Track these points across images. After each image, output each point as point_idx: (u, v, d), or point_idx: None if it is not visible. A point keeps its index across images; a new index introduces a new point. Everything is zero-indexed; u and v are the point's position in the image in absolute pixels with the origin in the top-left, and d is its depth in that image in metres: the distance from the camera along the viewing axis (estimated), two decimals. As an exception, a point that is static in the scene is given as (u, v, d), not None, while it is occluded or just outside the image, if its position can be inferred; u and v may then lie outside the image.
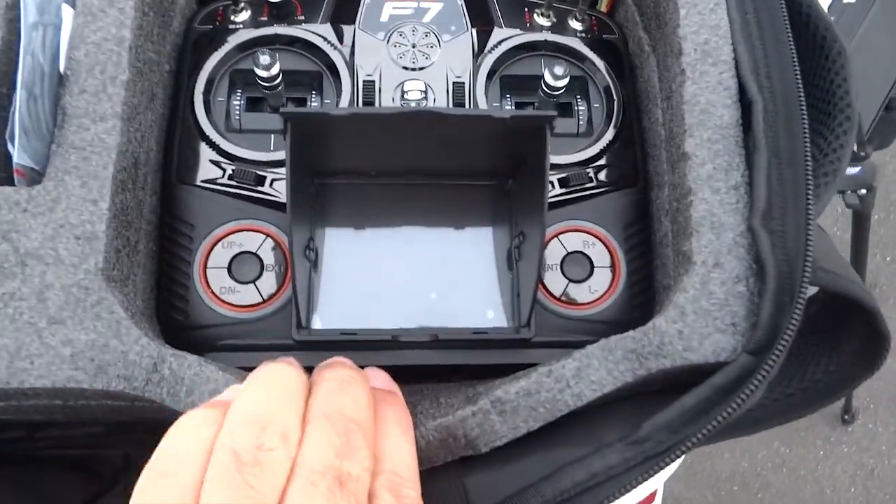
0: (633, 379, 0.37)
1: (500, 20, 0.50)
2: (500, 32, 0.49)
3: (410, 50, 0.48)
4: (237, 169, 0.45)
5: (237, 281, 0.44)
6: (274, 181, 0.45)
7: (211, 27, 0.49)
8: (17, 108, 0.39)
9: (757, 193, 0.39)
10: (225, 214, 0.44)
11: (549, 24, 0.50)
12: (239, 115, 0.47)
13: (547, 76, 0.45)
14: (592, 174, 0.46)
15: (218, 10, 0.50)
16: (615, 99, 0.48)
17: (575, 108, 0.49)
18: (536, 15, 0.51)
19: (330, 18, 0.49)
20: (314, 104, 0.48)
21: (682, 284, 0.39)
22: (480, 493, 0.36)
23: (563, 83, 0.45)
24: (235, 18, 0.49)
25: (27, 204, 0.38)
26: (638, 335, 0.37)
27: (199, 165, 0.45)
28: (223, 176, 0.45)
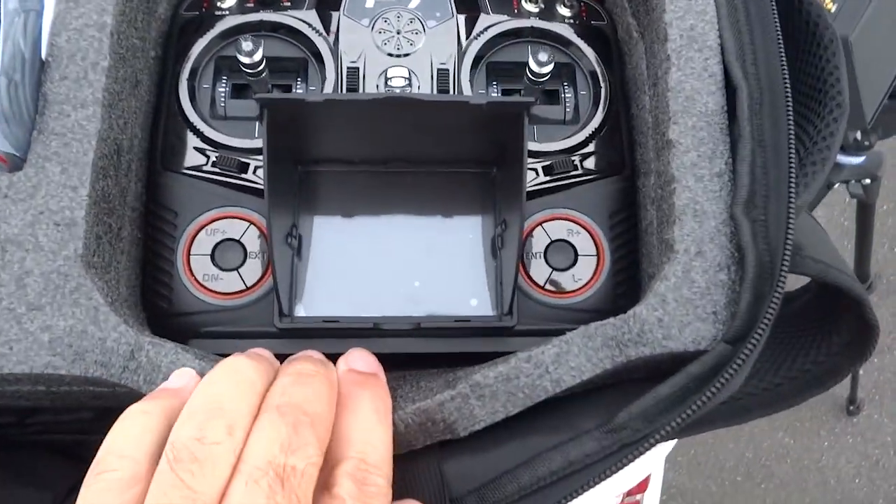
0: (612, 366, 0.36)
1: (486, 6, 0.49)
2: (486, 19, 0.49)
3: (395, 36, 0.47)
4: (221, 156, 0.45)
5: (220, 268, 0.44)
6: (257, 168, 0.45)
7: (197, 13, 0.49)
8: (-3, 94, 0.39)
9: (740, 182, 0.38)
10: (209, 201, 0.44)
11: (536, 10, 0.50)
12: (224, 102, 0.47)
13: (531, 63, 0.45)
14: (578, 162, 0.46)
15: (204, -4, 0.49)
16: (602, 86, 0.48)
17: (561, 94, 0.48)
18: (524, 1, 0.50)
19: (316, 5, 0.49)
20: (299, 91, 0.47)
21: (663, 272, 0.38)
22: (458, 478, 0.36)
23: (547, 70, 0.45)
24: (222, 5, 0.49)
25: (7, 190, 0.38)
26: (618, 322, 0.37)
27: (183, 152, 0.46)
28: (207, 163, 0.45)
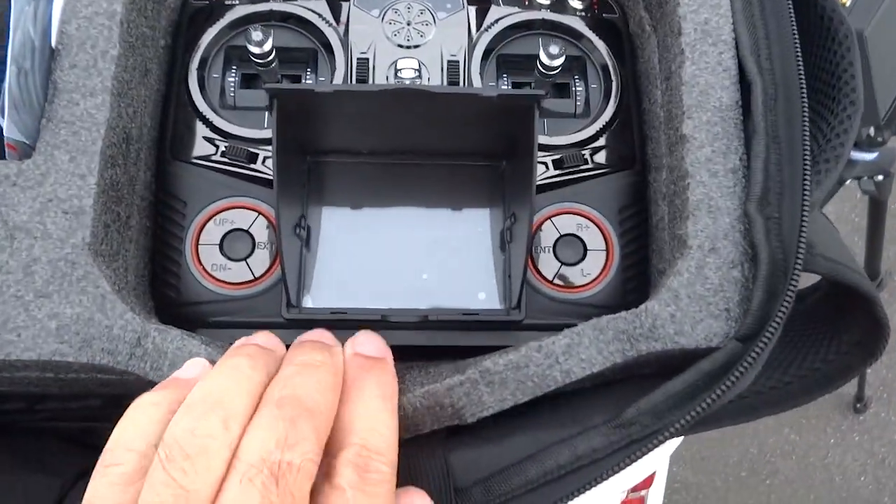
0: (622, 360, 0.36)
1: (498, -2, 0.49)
2: (497, 10, 0.48)
3: (405, 27, 0.47)
4: (230, 146, 0.45)
5: (229, 258, 0.44)
6: (266, 159, 0.45)
7: (207, 2, 0.49)
8: (7, 83, 0.39)
9: (754, 178, 0.38)
10: (218, 191, 0.44)
11: (548, 2, 0.49)
12: (233, 91, 0.47)
13: (542, 55, 0.44)
14: (588, 156, 0.46)
15: (215, -15, 0.49)
16: (613, 79, 0.48)
17: (572, 88, 0.48)
18: (536, -8, 0.50)
19: None
20: (309, 81, 0.47)
21: (676, 268, 0.38)
22: (464, 469, 0.36)
23: (558, 62, 0.44)
24: (232, -6, 0.49)
25: (16, 178, 0.38)
26: (630, 317, 0.37)
27: (192, 142, 0.45)
28: (216, 153, 0.45)
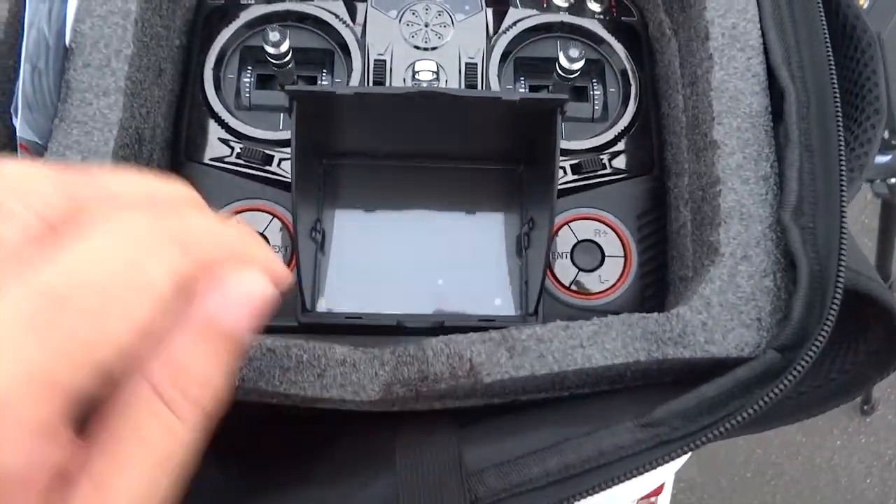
0: (646, 359, 0.36)
1: (516, 0, 0.49)
2: (515, 13, 0.48)
3: (423, 29, 0.47)
4: (245, 147, 0.44)
5: None
6: (282, 161, 0.44)
7: (223, 2, 0.48)
8: (21, 82, 0.38)
9: (788, 187, 0.37)
10: (232, 193, 0.44)
11: (566, 4, 0.49)
12: (249, 92, 0.46)
13: (562, 59, 0.44)
14: (606, 161, 0.45)
15: (230, -16, 0.49)
16: (632, 83, 0.47)
17: (590, 92, 0.48)
18: (554, -6, 0.49)
19: None
20: (325, 83, 0.47)
21: (708, 275, 0.37)
22: (478, 456, 0.35)
23: (578, 66, 0.44)
24: (247, -7, 0.48)
25: None
26: (661, 319, 0.37)
27: (207, 143, 0.45)
28: (231, 154, 0.45)
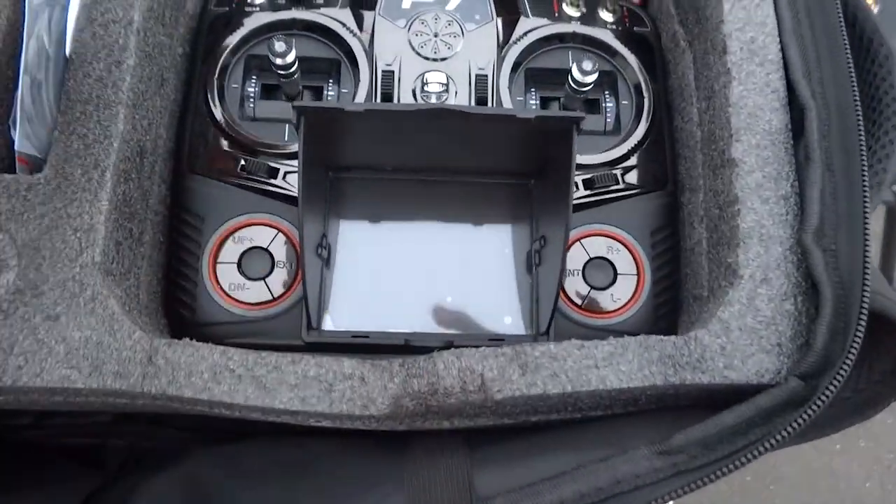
0: (662, 383, 0.35)
1: (527, 9, 0.47)
2: (526, 22, 0.47)
3: (432, 39, 0.45)
4: (249, 160, 0.43)
5: (247, 277, 0.42)
6: (287, 174, 0.43)
7: (227, 9, 0.47)
8: (20, 94, 0.37)
9: (810, 208, 0.36)
10: (236, 207, 0.43)
11: (578, 14, 0.48)
12: (253, 102, 0.45)
13: (575, 71, 0.43)
14: (619, 175, 0.44)
15: (235, -10, 0.48)
16: (645, 96, 0.46)
17: (602, 104, 0.46)
18: (566, 4, 0.48)
19: (350, 2, 0.47)
20: (331, 93, 0.46)
21: (727, 298, 0.37)
22: (489, 482, 0.34)
23: (591, 79, 0.43)
24: (253, 0, 0.47)
25: (27, 192, 0.37)
26: (679, 342, 0.36)
27: (210, 155, 0.44)
28: (236, 167, 0.43)
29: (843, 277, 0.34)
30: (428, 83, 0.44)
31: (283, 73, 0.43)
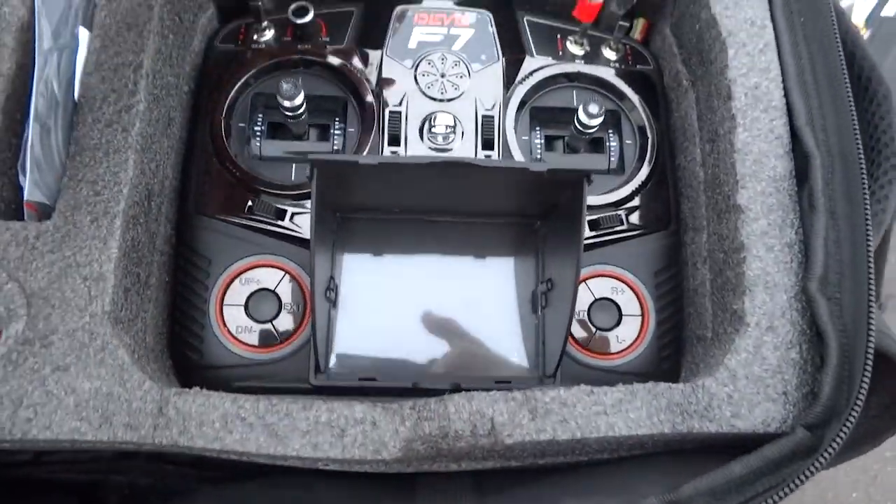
0: (671, 431, 0.35)
1: (531, 48, 0.48)
2: (531, 62, 0.47)
3: (439, 80, 0.46)
4: (257, 202, 0.43)
5: (254, 320, 0.42)
6: (294, 215, 0.43)
7: (233, 46, 0.47)
8: (30, 141, 0.37)
9: (814, 257, 0.37)
10: (243, 249, 0.43)
11: (581, 52, 0.48)
12: (260, 142, 0.45)
13: (581, 114, 0.43)
14: (623, 216, 0.45)
15: (240, 28, 0.48)
16: (649, 136, 0.46)
17: (606, 143, 0.47)
18: (570, 43, 0.48)
19: (356, 41, 0.47)
20: (337, 132, 0.46)
21: (733, 346, 0.37)
22: None
23: (597, 122, 0.43)
24: (258, 38, 0.47)
25: (35, 240, 0.37)
26: (687, 390, 0.36)
27: (217, 195, 0.44)
28: (242, 208, 0.43)
29: (846, 326, 0.35)
30: (435, 125, 0.44)
31: (290, 114, 0.43)
